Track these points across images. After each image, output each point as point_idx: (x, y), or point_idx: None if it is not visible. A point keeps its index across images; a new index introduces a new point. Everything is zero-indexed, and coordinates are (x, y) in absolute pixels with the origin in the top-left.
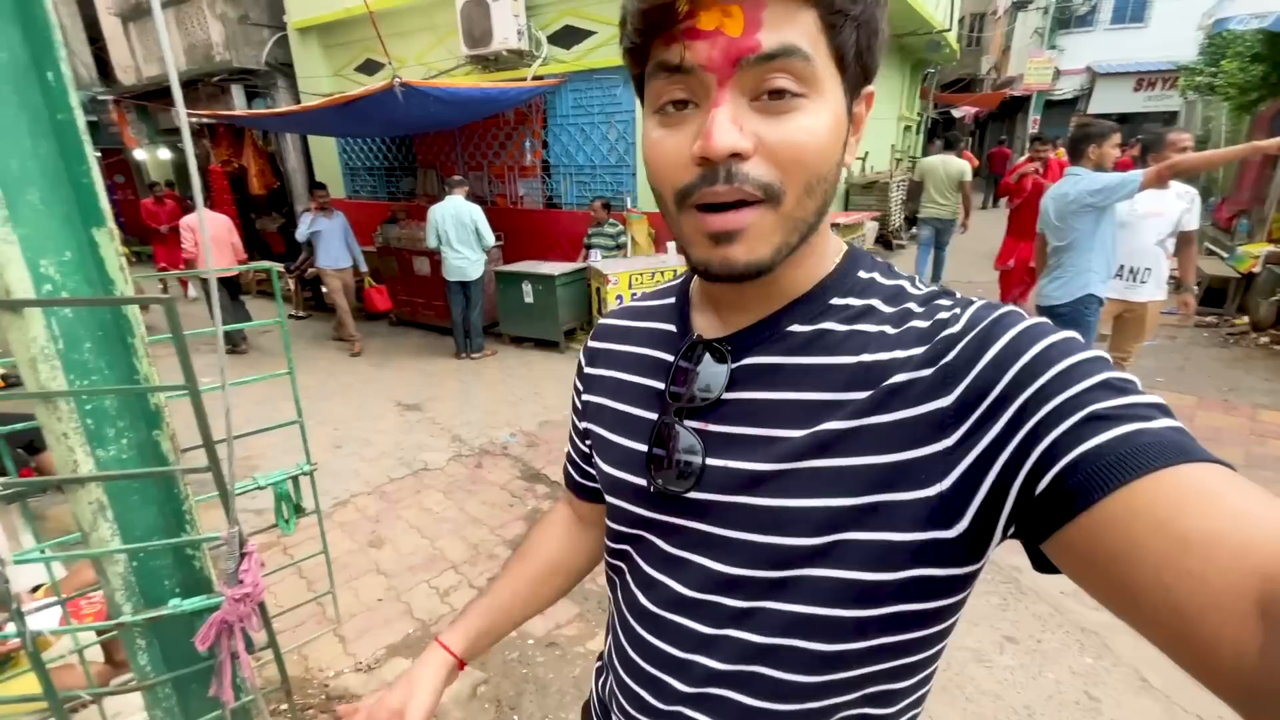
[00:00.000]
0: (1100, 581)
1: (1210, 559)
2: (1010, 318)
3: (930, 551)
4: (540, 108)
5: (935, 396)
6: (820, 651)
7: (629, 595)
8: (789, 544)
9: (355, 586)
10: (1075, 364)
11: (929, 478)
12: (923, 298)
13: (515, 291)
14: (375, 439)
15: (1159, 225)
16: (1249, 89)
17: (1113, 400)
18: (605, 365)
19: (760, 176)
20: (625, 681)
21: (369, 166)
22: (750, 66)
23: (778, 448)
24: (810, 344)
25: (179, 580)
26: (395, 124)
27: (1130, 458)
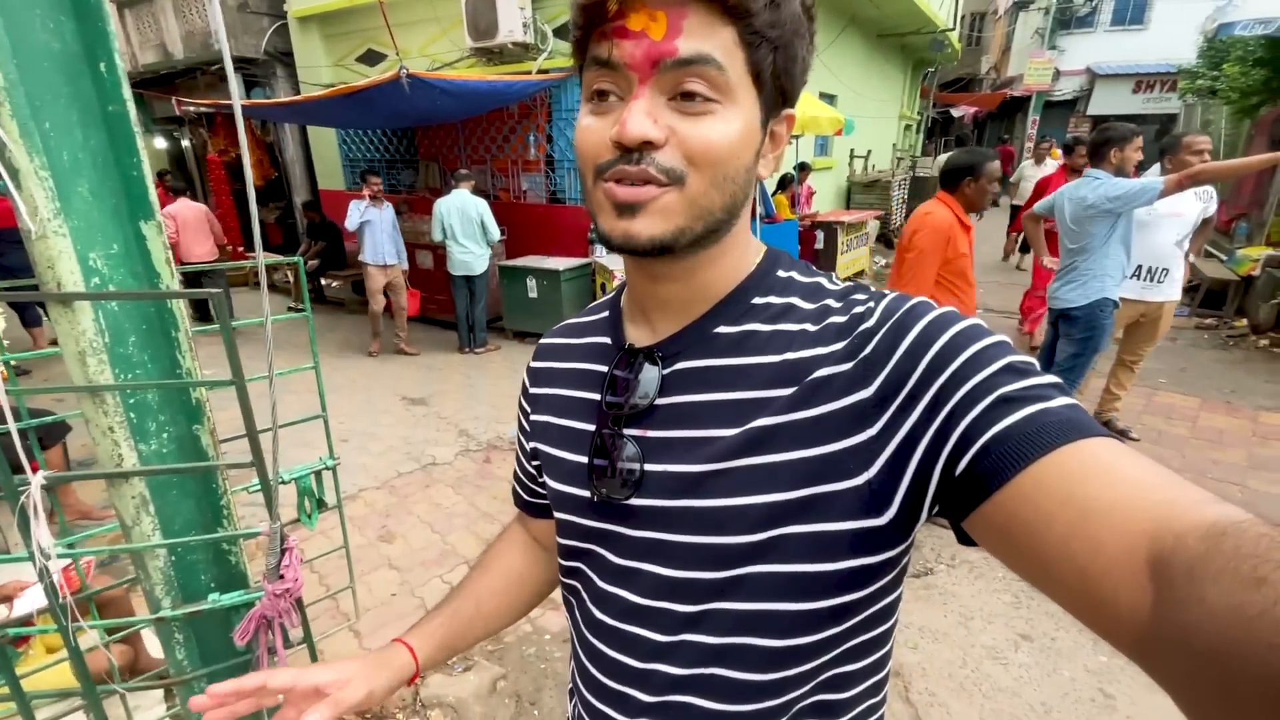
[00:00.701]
0: (1015, 553)
1: (1106, 524)
2: (921, 308)
3: (864, 538)
4: (545, 102)
5: (856, 389)
6: (773, 647)
7: (585, 612)
8: (730, 543)
9: (368, 581)
10: (981, 349)
11: (856, 467)
12: (839, 293)
13: (519, 286)
14: (381, 434)
15: (1179, 225)
16: (1250, 93)
17: (1017, 383)
18: (547, 384)
19: (667, 163)
20: (589, 700)
21: (369, 158)
22: (668, 69)
23: (712, 448)
24: (737, 345)
25: (214, 575)
26: (399, 116)
27: (1036, 437)
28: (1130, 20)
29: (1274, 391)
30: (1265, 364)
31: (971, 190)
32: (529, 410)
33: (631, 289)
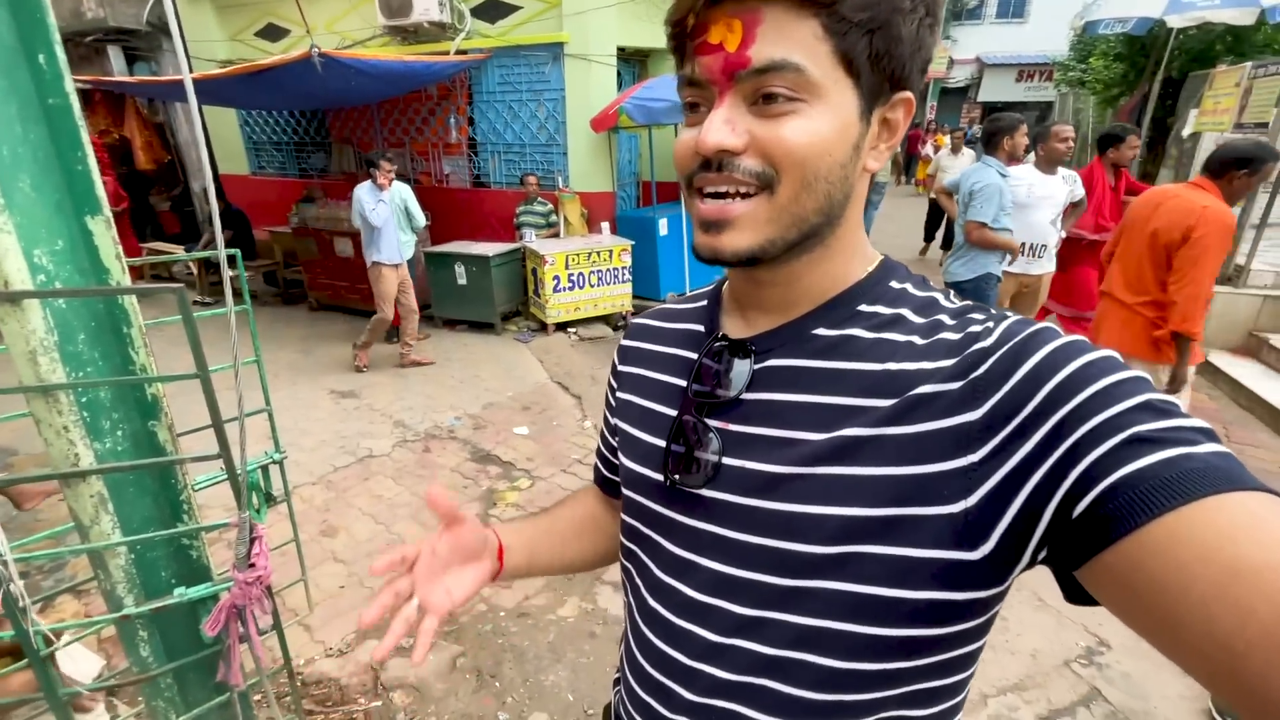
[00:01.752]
0: (1140, 611)
1: (1259, 590)
2: (1046, 333)
3: (951, 572)
4: (465, 83)
5: (963, 410)
6: (831, 668)
7: (639, 599)
8: (800, 550)
9: (313, 575)
10: (1115, 383)
11: (952, 494)
12: (955, 310)
13: (447, 273)
14: (312, 428)
15: (1052, 206)
16: (1112, 84)
17: (1156, 423)
18: (635, 363)
19: (751, 167)
20: (634, 689)
21: (275, 141)
22: (745, 79)
23: (796, 450)
24: (835, 348)
25: (176, 570)
26: (310, 96)
27: (1176, 483)
28: (1012, 14)
29: None
30: None
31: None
32: (615, 387)
33: (731, 284)
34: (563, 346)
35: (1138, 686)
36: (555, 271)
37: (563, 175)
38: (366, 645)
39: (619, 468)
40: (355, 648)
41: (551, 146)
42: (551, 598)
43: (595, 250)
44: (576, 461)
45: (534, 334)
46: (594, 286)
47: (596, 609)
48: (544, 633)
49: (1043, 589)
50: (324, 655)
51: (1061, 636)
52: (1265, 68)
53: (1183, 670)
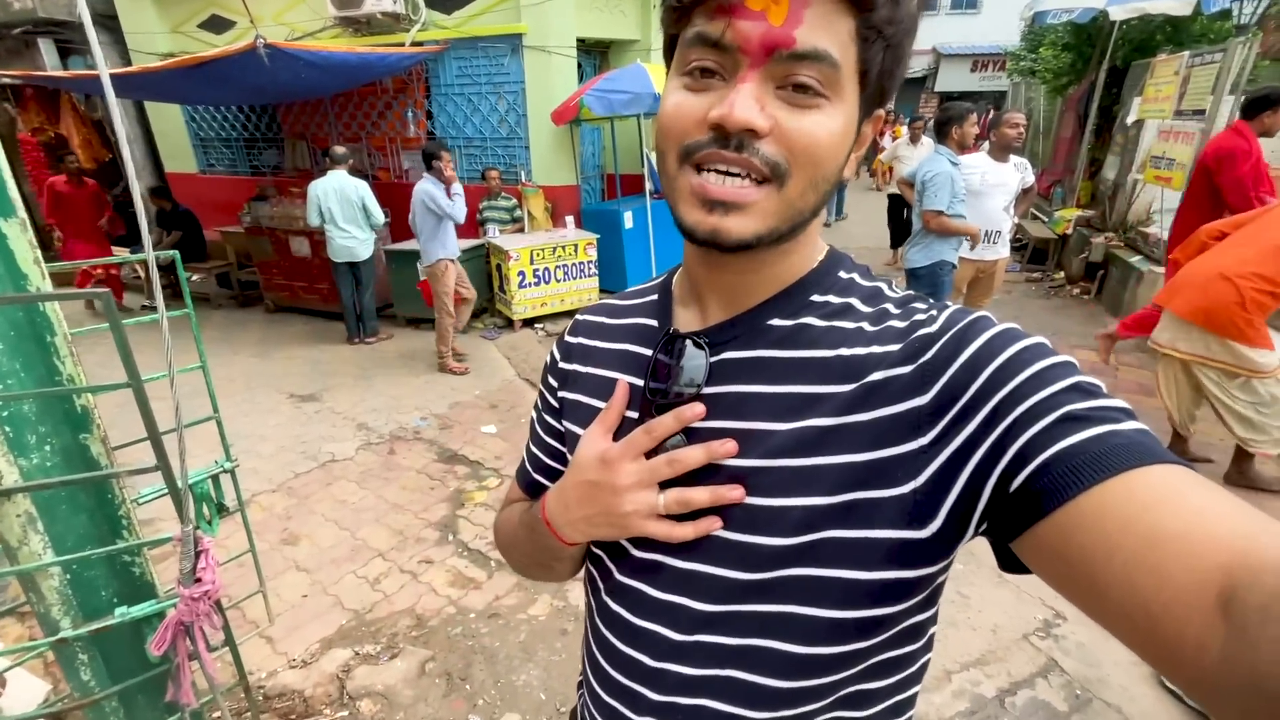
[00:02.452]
0: (1069, 579)
1: (1175, 555)
2: (984, 322)
3: (903, 551)
4: (422, 76)
5: (913, 395)
6: (795, 654)
7: (601, 604)
8: (766, 543)
9: (274, 586)
10: (1048, 367)
11: (904, 476)
12: (899, 300)
13: (409, 271)
14: (270, 434)
15: (1005, 193)
16: (1061, 73)
17: (1084, 402)
18: (582, 361)
19: (771, 155)
20: (598, 693)
21: (224, 138)
22: (782, 60)
23: (761, 442)
24: (790, 338)
25: (117, 589)
26: (259, 90)
27: (1102, 458)
28: (966, 5)
29: (1084, 332)
30: (1078, 310)
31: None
32: (556, 386)
33: (689, 272)
34: (530, 343)
35: (1091, 655)
36: (520, 267)
37: (525, 169)
38: (331, 655)
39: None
40: (320, 657)
41: (513, 140)
42: (522, 597)
43: (560, 245)
44: None
45: (500, 331)
46: (560, 281)
47: (568, 606)
48: (515, 633)
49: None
50: (287, 667)
51: (1020, 611)
52: (1201, 57)
53: (1109, 633)
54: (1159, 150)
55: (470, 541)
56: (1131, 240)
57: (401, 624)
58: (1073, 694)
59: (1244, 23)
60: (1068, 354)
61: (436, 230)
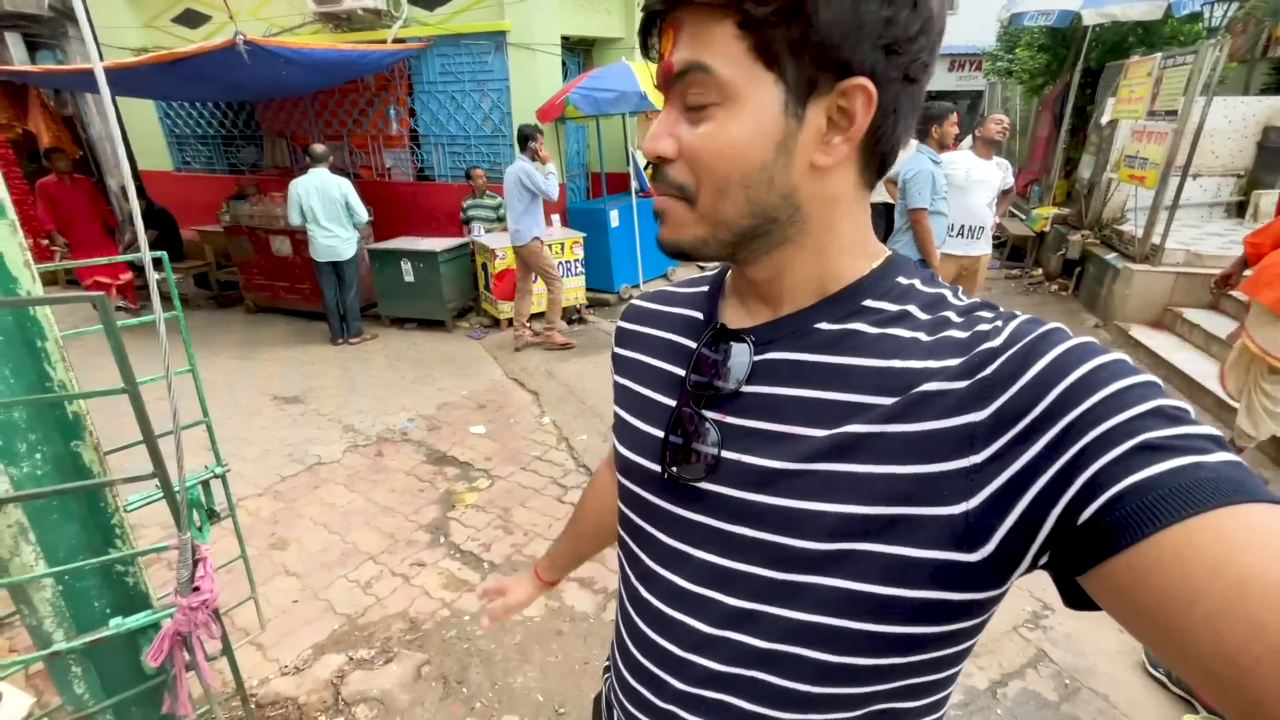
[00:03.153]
0: (1143, 621)
1: (1268, 605)
2: (1056, 334)
3: (949, 573)
4: (404, 73)
5: (968, 410)
6: (824, 662)
7: (631, 588)
8: (796, 546)
9: (265, 592)
10: (1126, 387)
11: (953, 495)
12: (963, 308)
13: (393, 270)
14: (254, 437)
15: (988, 190)
16: (1037, 74)
17: (1166, 430)
18: (633, 348)
19: (677, 178)
20: (625, 677)
21: (201, 135)
22: (674, 84)
23: (796, 446)
24: (837, 343)
25: (111, 599)
26: (237, 87)
27: (1185, 493)
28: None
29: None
30: (1056, 305)
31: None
32: (614, 370)
33: (730, 272)
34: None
35: (1078, 645)
36: (506, 265)
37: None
38: (325, 660)
39: (615, 454)
40: (313, 663)
41: (498, 138)
42: None
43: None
44: (536, 459)
45: (487, 330)
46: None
47: (563, 606)
48: (510, 634)
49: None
50: (279, 674)
51: (1010, 603)
52: (1174, 58)
53: (1188, 680)
54: (1132, 150)
55: (462, 543)
56: (1107, 238)
57: (395, 628)
58: (1062, 683)
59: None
60: None
61: (530, 209)
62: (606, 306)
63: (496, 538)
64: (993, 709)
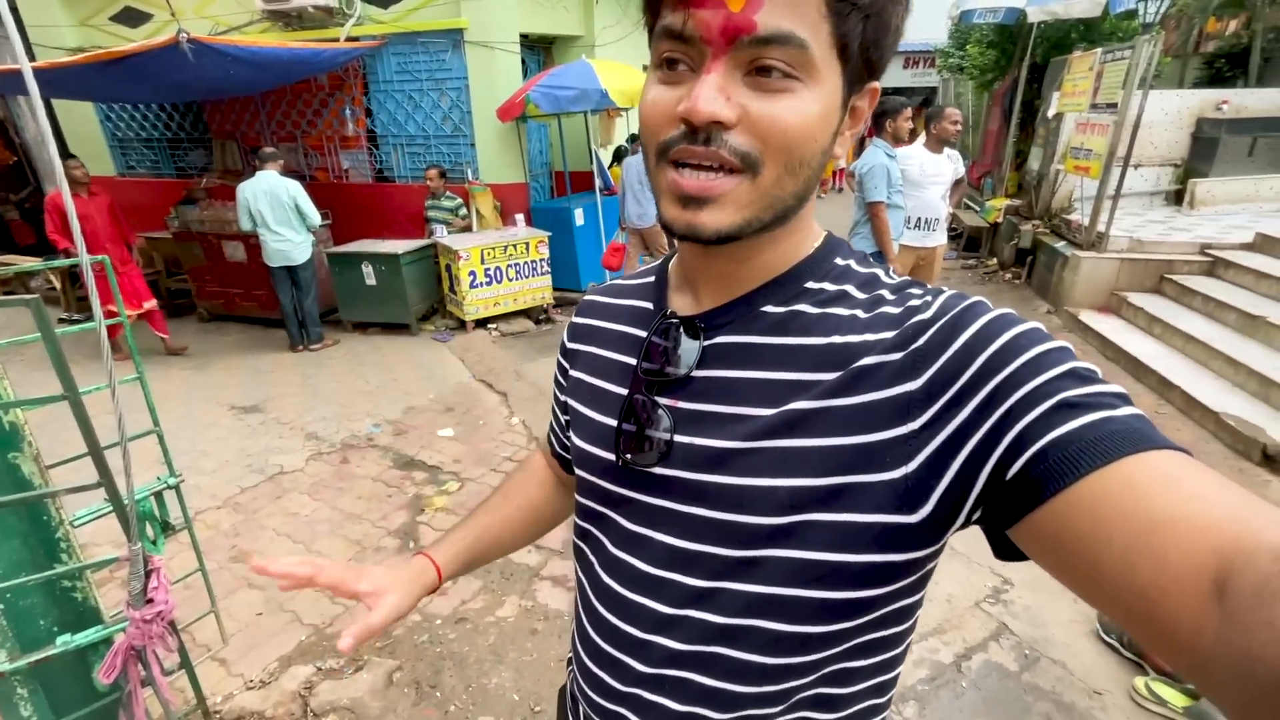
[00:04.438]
0: (1067, 565)
1: (1171, 540)
2: (980, 307)
3: (892, 535)
4: (359, 72)
5: (904, 380)
6: (782, 632)
7: (593, 575)
8: (751, 522)
9: (225, 605)
10: (1044, 352)
11: (894, 460)
12: (895, 286)
13: (354, 274)
14: (211, 448)
15: (941, 183)
16: (986, 70)
17: (1080, 389)
18: (586, 341)
19: (740, 145)
20: (587, 665)
21: (145, 138)
22: (745, 46)
23: (745, 425)
24: (783, 324)
25: (57, 617)
26: (183, 87)
27: (1099, 444)
28: None
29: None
30: (1010, 293)
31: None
32: (566, 365)
33: (682, 260)
34: (484, 343)
35: (1037, 617)
36: (471, 267)
37: (471, 167)
38: (292, 672)
39: (571, 447)
40: (279, 675)
41: (458, 137)
42: (489, 599)
43: (511, 243)
44: (506, 460)
45: (453, 333)
46: (512, 280)
47: (536, 605)
48: (484, 636)
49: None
50: (244, 688)
51: (972, 579)
52: (1113, 53)
53: (1109, 617)
54: (1077, 142)
55: None
56: (1056, 227)
57: None
58: (1022, 654)
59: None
60: None
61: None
62: (574, 305)
63: None
64: (958, 681)
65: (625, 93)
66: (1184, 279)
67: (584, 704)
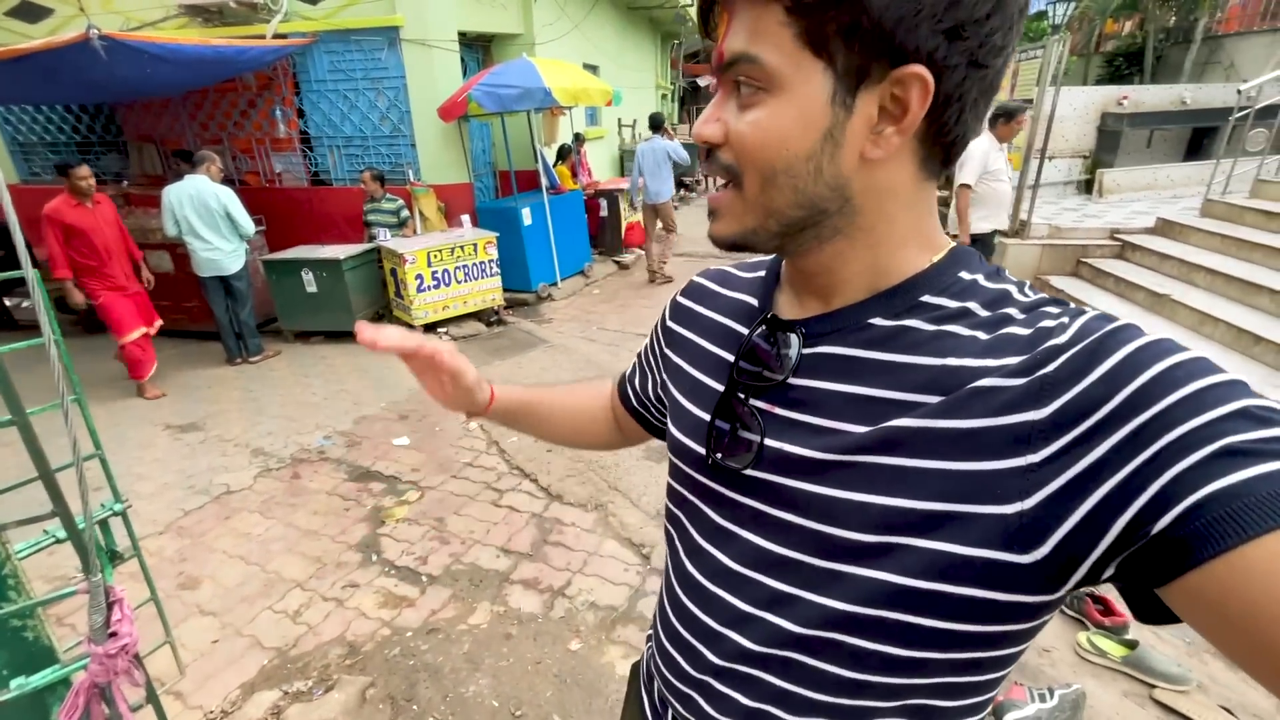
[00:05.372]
0: (1231, 635)
1: None
2: (1129, 331)
3: (998, 573)
4: (288, 71)
5: (1025, 408)
6: (862, 648)
7: (677, 560)
8: (840, 535)
9: (177, 634)
10: (1207, 387)
11: (1007, 494)
12: (1028, 304)
13: (293, 281)
14: (149, 471)
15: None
16: None
17: (1253, 433)
18: (687, 325)
19: (724, 160)
20: (665, 645)
21: (51, 142)
22: (725, 71)
23: (837, 439)
24: (890, 339)
25: (8, 658)
26: (94, 87)
27: (1273, 501)
28: None
29: None
30: None
31: None
32: (664, 342)
33: (786, 261)
34: None
35: None
36: (417, 270)
37: (413, 168)
38: (256, 699)
39: (668, 436)
40: (243, 704)
41: (397, 137)
42: (460, 608)
43: (458, 245)
44: (466, 465)
45: None
46: (460, 283)
47: (509, 610)
48: (457, 645)
49: None
50: None
51: None
52: (1027, 52)
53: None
54: None
55: (397, 559)
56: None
57: (332, 654)
58: None
59: (1057, 23)
60: None
61: (668, 175)
62: (525, 306)
63: (433, 549)
64: None
65: (568, 90)
66: (1097, 262)
67: (659, 682)
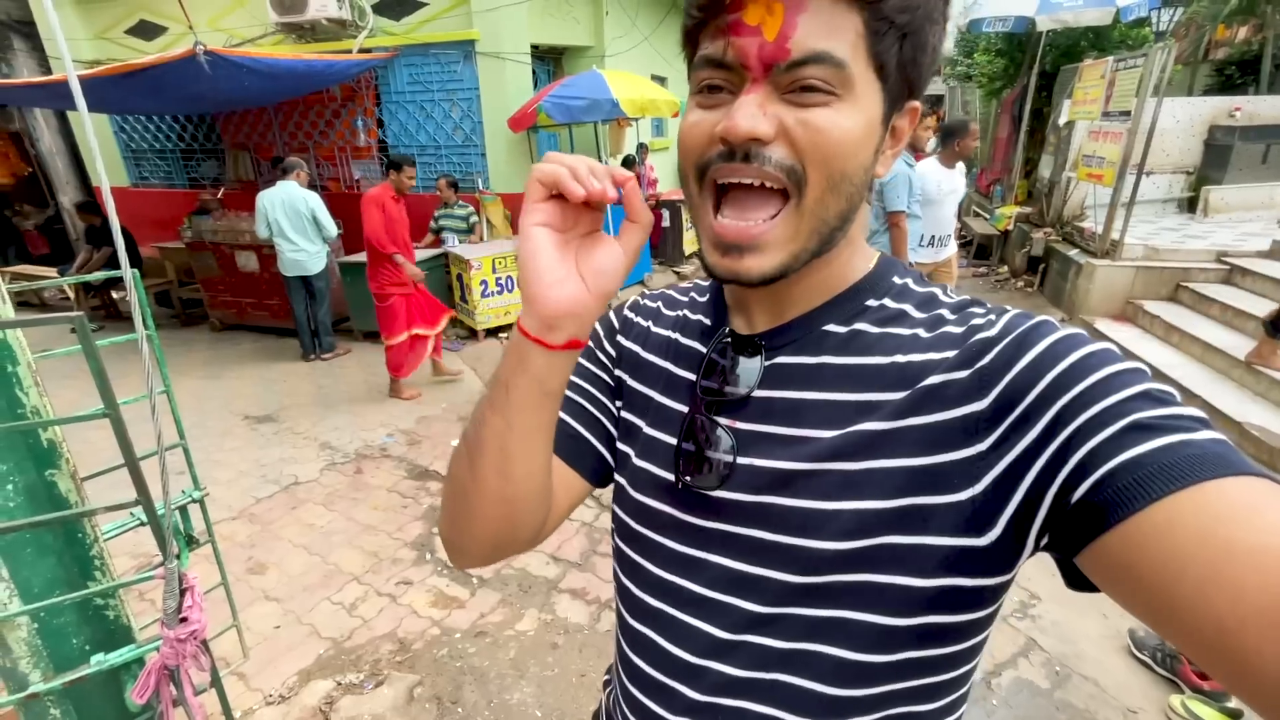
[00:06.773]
0: (1138, 594)
1: (1252, 569)
2: (1047, 326)
3: (961, 559)
4: (371, 83)
5: (970, 400)
6: (844, 659)
7: (632, 600)
8: (818, 546)
9: (244, 618)
10: (1115, 373)
11: (961, 482)
12: (955, 305)
13: (364, 284)
14: (226, 459)
15: (955, 199)
16: (995, 78)
17: (1154, 410)
18: (642, 345)
19: (783, 160)
20: (630, 690)
21: (159, 149)
22: (783, 71)
23: (807, 447)
24: (846, 344)
25: (91, 635)
26: (197, 99)
27: (1173, 468)
28: None
29: None
30: (1024, 301)
31: None
32: (616, 357)
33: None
34: (495, 353)
35: (1066, 632)
36: (482, 276)
37: (483, 176)
38: (312, 687)
39: (622, 460)
40: (299, 690)
41: (469, 147)
42: (508, 613)
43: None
44: None
45: (464, 342)
46: None
47: (556, 619)
48: (504, 650)
49: None
50: (264, 704)
51: None
52: (1125, 61)
53: (1183, 652)
54: (1089, 149)
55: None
56: (1068, 234)
57: (384, 649)
58: (1052, 670)
59: (1161, 30)
60: None
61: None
62: None
63: None
64: (988, 699)
65: (635, 102)
66: (1201, 287)
67: None
